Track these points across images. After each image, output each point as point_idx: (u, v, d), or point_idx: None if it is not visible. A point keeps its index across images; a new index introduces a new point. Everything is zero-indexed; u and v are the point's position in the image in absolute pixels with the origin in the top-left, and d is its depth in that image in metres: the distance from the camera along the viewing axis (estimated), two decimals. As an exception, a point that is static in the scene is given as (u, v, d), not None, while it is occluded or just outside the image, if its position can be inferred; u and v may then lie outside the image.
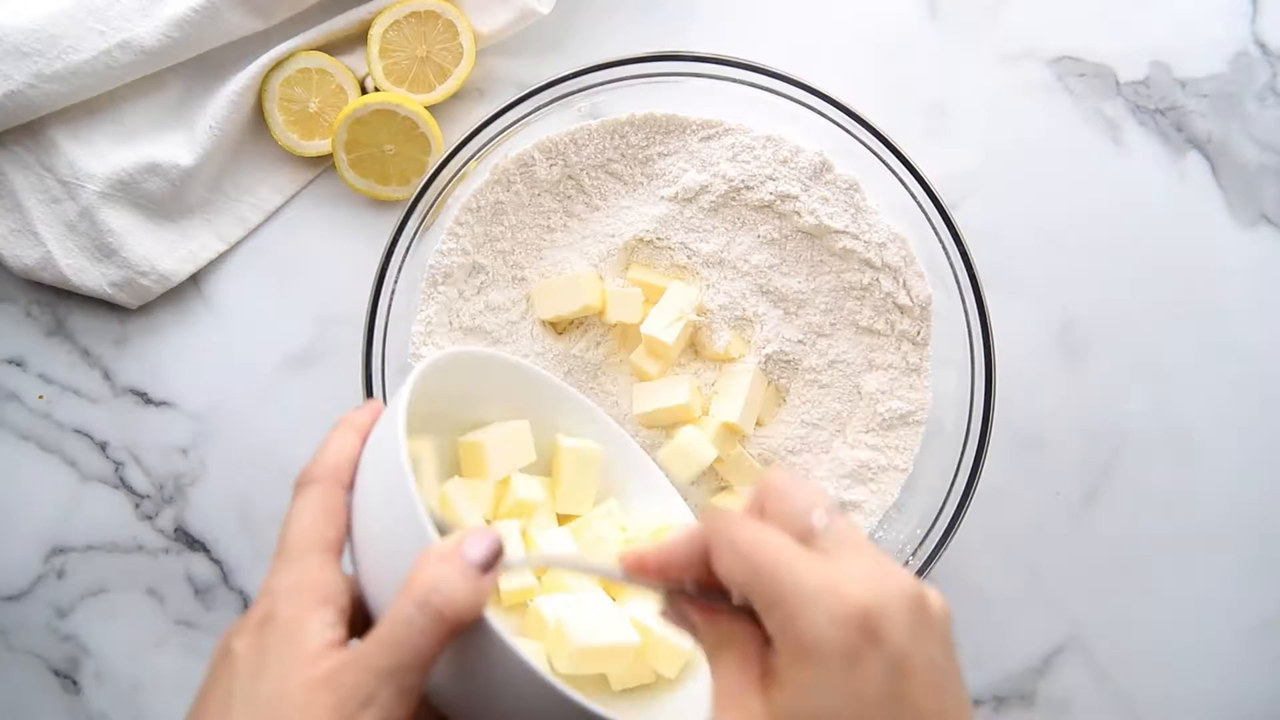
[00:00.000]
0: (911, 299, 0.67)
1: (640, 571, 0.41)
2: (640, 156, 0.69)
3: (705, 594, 0.40)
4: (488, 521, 0.56)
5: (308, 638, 0.38)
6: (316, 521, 0.43)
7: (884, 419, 0.68)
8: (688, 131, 0.68)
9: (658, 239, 0.68)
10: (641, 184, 0.69)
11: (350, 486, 0.44)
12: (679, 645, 0.53)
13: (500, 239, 0.69)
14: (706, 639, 0.39)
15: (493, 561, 0.40)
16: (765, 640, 0.37)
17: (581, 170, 0.68)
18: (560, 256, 0.69)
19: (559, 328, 0.70)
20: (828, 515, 0.37)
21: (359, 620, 0.42)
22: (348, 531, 0.43)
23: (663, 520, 0.59)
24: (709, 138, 0.68)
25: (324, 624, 0.39)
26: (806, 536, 0.37)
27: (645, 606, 0.54)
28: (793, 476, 0.40)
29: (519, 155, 0.67)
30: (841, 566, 0.35)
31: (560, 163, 0.68)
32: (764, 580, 0.35)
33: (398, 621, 0.38)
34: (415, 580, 0.38)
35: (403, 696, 0.37)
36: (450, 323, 0.68)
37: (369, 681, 0.37)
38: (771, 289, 0.68)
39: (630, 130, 0.68)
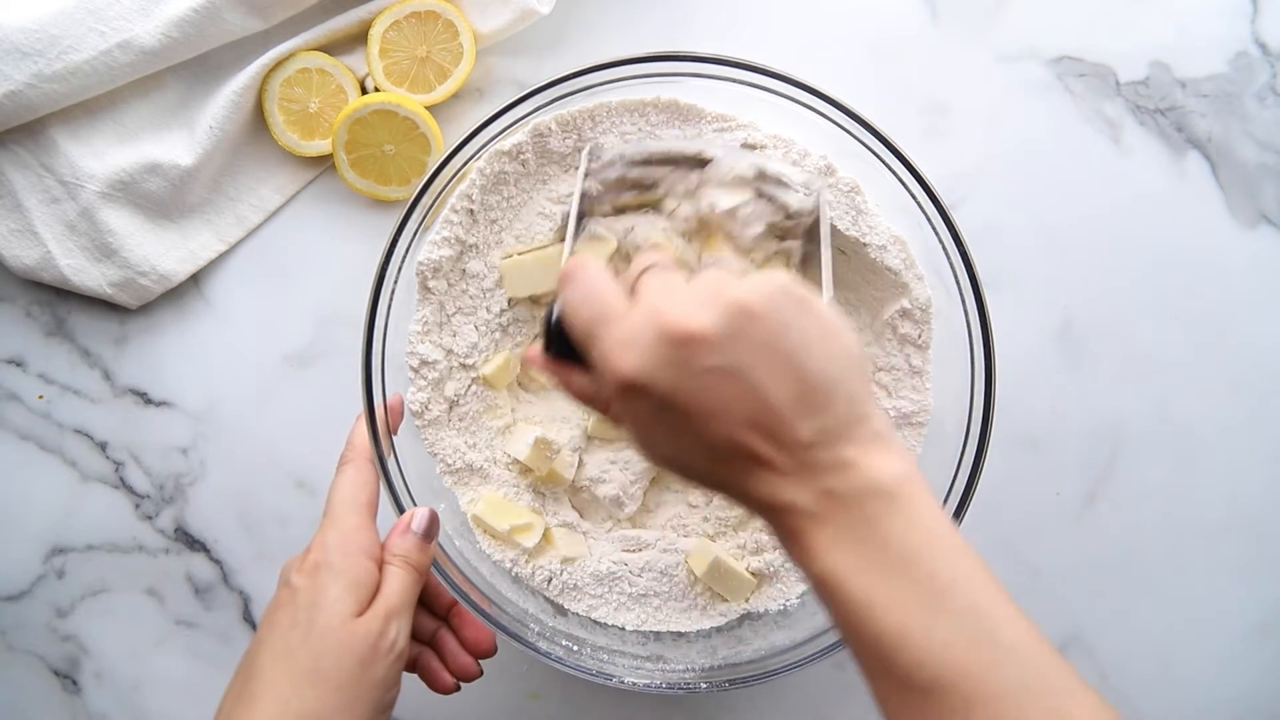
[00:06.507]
0: (911, 302, 0.67)
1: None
2: (657, 134, 0.67)
3: None
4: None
5: (351, 582, 0.52)
6: (353, 489, 0.57)
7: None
8: (704, 121, 0.67)
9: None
10: None
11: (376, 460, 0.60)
12: None
13: (494, 207, 0.67)
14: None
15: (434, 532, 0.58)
16: None
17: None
18: (540, 208, 0.67)
19: (536, 298, 0.68)
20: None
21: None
22: None
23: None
24: (724, 129, 0.67)
25: (365, 570, 0.53)
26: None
27: None
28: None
29: (535, 126, 0.65)
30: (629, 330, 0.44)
31: (574, 136, 0.66)
32: (586, 347, 0.46)
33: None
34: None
35: (406, 624, 0.54)
36: (442, 321, 0.68)
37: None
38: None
39: (653, 111, 0.66)
